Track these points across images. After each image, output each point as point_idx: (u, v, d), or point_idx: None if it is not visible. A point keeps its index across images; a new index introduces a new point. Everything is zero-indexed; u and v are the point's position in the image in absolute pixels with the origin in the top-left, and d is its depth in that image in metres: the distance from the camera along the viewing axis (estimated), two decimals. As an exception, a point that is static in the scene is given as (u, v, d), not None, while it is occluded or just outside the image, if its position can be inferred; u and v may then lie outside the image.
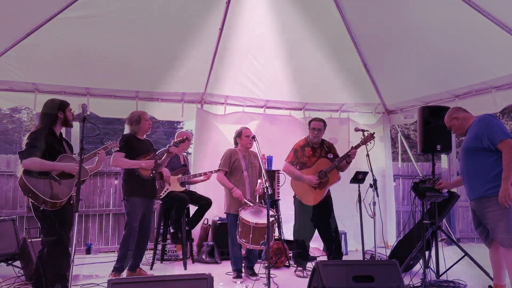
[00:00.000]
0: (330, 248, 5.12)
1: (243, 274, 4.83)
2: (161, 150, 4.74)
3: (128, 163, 4.46)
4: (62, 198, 3.51)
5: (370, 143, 4.85)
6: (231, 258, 4.85)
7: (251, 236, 4.33)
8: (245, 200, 4.66)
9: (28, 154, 3.46)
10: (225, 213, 4.95)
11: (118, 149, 4.41)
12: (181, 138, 4.98)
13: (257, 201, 4.75)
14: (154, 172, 4.59)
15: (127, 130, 4.80)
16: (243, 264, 4.89)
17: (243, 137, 4.91)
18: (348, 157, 4.91)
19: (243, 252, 5.00)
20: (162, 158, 4.74)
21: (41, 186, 3.45)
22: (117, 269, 4.47)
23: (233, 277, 4.73)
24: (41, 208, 3.47)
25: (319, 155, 5.11)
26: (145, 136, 4.78)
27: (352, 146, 4.96)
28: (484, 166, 3.62)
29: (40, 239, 3.79)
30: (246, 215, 4.46)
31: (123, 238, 4.51)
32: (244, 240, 4.41)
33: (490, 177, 3.57)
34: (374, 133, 4.94)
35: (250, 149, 5.01)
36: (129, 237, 4.47)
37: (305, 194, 5.02)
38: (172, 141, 4.87)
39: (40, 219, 3.56)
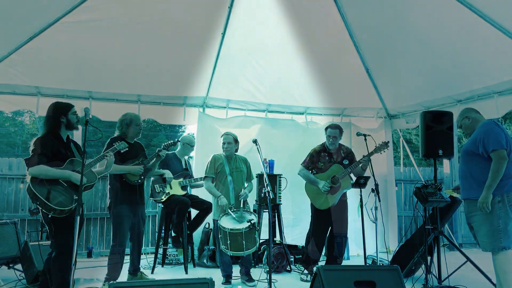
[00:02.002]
0: (331, 253, 5.11)
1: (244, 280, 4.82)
2: (151, 155, 4.63)
3: (115, 168, 4.27)
4: (70, 205, 3.45)
5: (384, 151, 4.88)
6: (219, 264, 4.82)
7: (229, 242, 4.27)
8: (228, 210, 4.59)
9: (34, 161, 3.41)
10: (213, 219, 4.92)
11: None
12: (171, 141, 4.90)
13: (241, 206, 4.70)
14: (142, 177, 4.49)
15: (116, 132, 4.60)
16: (233, 270, 4.83)
17: (221, 144, 4.93)
18: (361, 164, 4.92)
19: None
20: (151, 163, 4.63)
21: (49, 193, 3.39)
22: (109, 279, 4.32)
23: (222, 283, 4.67)
24: (49, 215, 3.42)
25: (335, 161, 5.13)
26: (135, 139, 4.64)
27: (364, 155, 4.94)
28: (476, 170, 3.74)
29: (45, 243, 3.77)
30: (224, 221, 4.40)
31: (112, 249, 4.38)
32: (224, 247, 4.35)
33: (480, 182, 3.69)
34: (388, 141, 4.97)
35: (239, 154, 5.01)
36: (119, 249, 4.34)
37: (317, 198, 5.06)
38: (163, 144, 4.79)
39: (49, 224, 3.53)
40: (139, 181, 4.46)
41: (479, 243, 3.83)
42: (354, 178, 5.11)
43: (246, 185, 4.95)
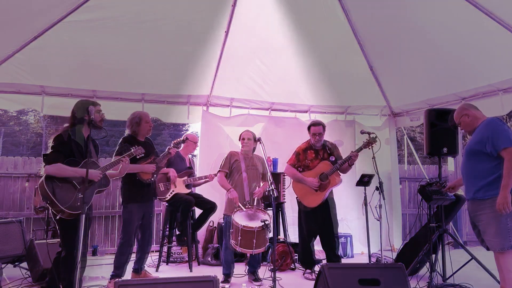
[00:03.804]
0: (329, 254, 5.09)
1: (247, 280, 4.83)
2: (162, 154, 4.68)
3: (129, 167, 4.25)
4: (79, 210, 3.40)
5: (373, 146, 4.82)
6: (221, 262, 4.83)
7: (239, 238, 4.27)
8: (238, 204, 4.60)
9: (53, 159, 3.39)
10: (223, 214, 4.93)
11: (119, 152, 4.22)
12: (180, 139, 4.94)
13: (255, 204, 4.71)
14: (155, 176, 4.52)
15: (127, 131, 4.63)
16: (234, 269, 4.85)
17: (240, 139, 4.97)
18: (350, 159, 4.87)
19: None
20: (162, 161, 4.67)
21: (61, 195, 3.38)
22: (114, 277, 4.34)
23: (221, 281, 4.63)
24: (58, 217, 3.44)
25: (321, 157, 5.09)
26: (146, 137, 4.65)
27: (352, 150, 4.94)
28: (484, 170, 3.65)
29: (55, 241, 3.78)
30: (238, 217, 4.41)
31: (119, 246, 4.42)
32: (233, 242, 4.36)
33: (488, 181, 3.60)
34: (376, 136, 4.87)
35: (255, 153, 5.02)
36: (126, 245, 4.39)
37: (306, 196, 5.00)
38: (172, 142, 4.83)
39: (58, 224, 3.53)
40: (151, 179, 4.49)
41: (484, 242, 3.79)
42: (342, 175, 5.06)
43: (262, 184, 4.94)
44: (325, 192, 4.96)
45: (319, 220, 5.01)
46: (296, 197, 5.16)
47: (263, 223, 4.24)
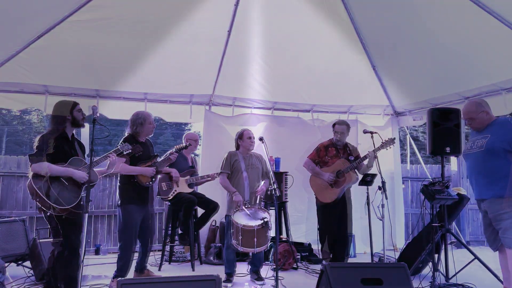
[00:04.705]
0: (334, 250, 5.13)
1: (249, 279, 4.84)
2: (162, 158, 4.64)
3: (128, 169, 4.26)
4: (68, 205, 3.46)
5: (390, 147, 4.89)
6: (224, 261, 4.84)
7: (240, 238, 4.28)
8: (242, 206, 4.59)
9: (37, 158, 3.44)
10: (226, 215, 4.92)
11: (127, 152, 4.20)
12: (183, 145, 4.93)
13: (257, 202, 4.70)
14: (153, 179, 4.46)
15: (127, 131, 4.56)
16: (235, 269, 4.84)
17: (245, 138, 4.90)
18: (366, 159, 4.97)
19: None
20: (162, 165, 4.63)
21: (49, 191, 3.40)
22: (117, 277, 4.27)
23: (223, 281, 4.60)
24: (48, 213, 3.45)
25: (341, 156, 5.20)
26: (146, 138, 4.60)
27: (369, 150, 4.98)
28: (507, 167, 3.64)
29: (51, 240, 3.80)
30: (237, 217, 4.41)
31: (120, 248, 4.36)
32: (235, 242, 4.36)
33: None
34: (394, 138, 5.01)
35: (253, 151, 5.02)
36: (127, 247, 4.34)
37: (322, 192, 5.13)
38: (175, 147, 4.79)
39: (49, 222, 3.55)
40: (150, 183, 4.43)
41: (496, 242, 3.77)
42: (359, 175, 5.12)
43: (262, 182, 4.94)
44: (340, 188, 5.05)
45: (334, 218, 5.08)
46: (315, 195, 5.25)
47: (262, 221, 4.26)
